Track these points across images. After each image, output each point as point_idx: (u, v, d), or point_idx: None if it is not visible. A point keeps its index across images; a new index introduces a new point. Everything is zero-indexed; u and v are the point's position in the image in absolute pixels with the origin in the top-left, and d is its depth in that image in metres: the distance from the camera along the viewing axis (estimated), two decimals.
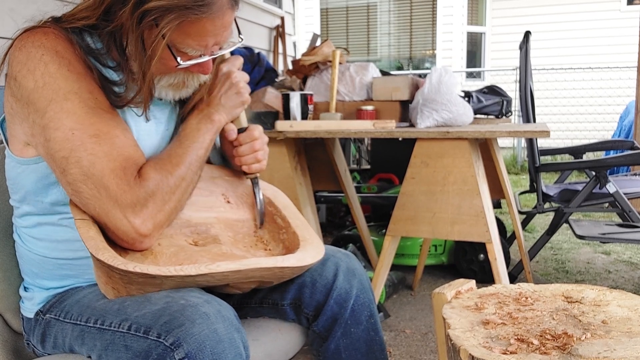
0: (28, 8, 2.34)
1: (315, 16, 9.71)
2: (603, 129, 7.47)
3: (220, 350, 0.86)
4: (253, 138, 1.14)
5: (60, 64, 0.94)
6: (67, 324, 1.00)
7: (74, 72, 0.95)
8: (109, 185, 0.91)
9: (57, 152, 0.92)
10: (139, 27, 0.93)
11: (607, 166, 2.64)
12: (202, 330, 0.86)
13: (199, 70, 1.02)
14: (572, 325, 0.87)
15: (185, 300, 0.91)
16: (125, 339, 0.90)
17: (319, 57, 2.51)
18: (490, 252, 1.93)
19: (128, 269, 0.87)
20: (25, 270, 1.10)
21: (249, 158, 1.15)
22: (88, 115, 0.93)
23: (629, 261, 3.33)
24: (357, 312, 1.15)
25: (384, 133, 1.98)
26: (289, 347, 1.16)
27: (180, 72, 1.01)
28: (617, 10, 8.49)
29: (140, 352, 0.88)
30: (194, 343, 0.84)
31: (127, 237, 0.94)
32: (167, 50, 0.95)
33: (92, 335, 0.95)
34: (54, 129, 0.92)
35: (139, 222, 0.93)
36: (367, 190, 3.52)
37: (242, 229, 1.13)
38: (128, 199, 0.92)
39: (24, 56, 0.94)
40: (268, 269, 0.99)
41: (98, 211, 0.93)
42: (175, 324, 0.86)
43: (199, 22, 0.93)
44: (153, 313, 0.90)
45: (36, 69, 0.93)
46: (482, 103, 3.20)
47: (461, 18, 8.97)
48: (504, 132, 1.91)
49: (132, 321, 0.90)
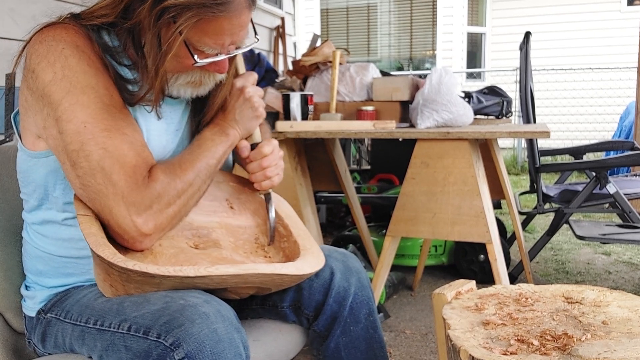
0: (28, 8, 2.34)
1: (315, 17, 9.72)
2: (603, 130, 7.47)
3: (220, 350, 0.86)
4: (262, 155, 1.13)
5: (81, 58, 0.94)
6: (68, 324, 1.00)
7: (93, 67, 0.95)
8: (118, 181, 0.91)
9: (69, 145, 0.92)
10: (157, 24, 0.94)
11: (608, 167, 2.64)
12: (201, 330, 0.86)
13: (215, 69, 1.02)
14: (572, 326, 0.87)
15: (185, 300, 0.91)
16: (125, 339, 0.90)
17: (319, 57, 2.51)
18: (491, 253, 1.93)
19: (127, 266, 0.88)
20: (30, 267, 1.10)
21: (259, 176, 1.14)
22: (102, 110, 0.93)
23: (629, 262, 3.33)
24: (355, 310, 1.15)
25: (384, 133, 1.98)
26: (289, 348, 1.16)
27: (197, 70, 1.02)
28: (617, 11, 8.49)
29: (140, 353, 0.88)
30: (193, 343, 0.84)
31: (128, 235, 0.94)
32: (184, 47, 0.96)
33: (92, 336, 0.95)
34: (67, 121, 0.92)
35: (141, 221, 0.93)
36: (367, 190, 3.52)
37: (243, 235, 1.13)
38: (134, 197, 0.92)
39: (45, 49, 0.94)
40: (266, 276, 0.99)
41: (103, 206, 0.93)
42: (175, 324, 0.86)
43: (217, 20, 0.94)
44: (152, 313, 0.90)
45: (56, 61, 0.93)
46: (482, 103, 3.20)
47: (461, 18, 8.97)
48: (504, 133, 1.91)
49: (132, 322, 0.90)
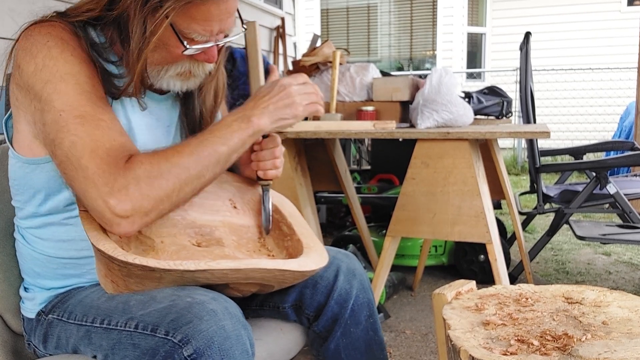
0: (28, 8, 2.34)
1: (315, 17, 9.72)
2: (603, 130, 7.47)
3: (228, 347, 0.86)
4: (276, 144, 1.12)
5: (64, 49, 0.94)
6: (72, 324, 1.00)
7: (77, 57, 0.95)
8: (88, 165, 0.89)
9: (48, 135, 0.92)
10: (143, 10, 0.93)
11: (608, 167, 2.64)
12: (210, 327, 0.86)
13: (204, 58, 1.02)
14: (573, 326, 0.87)
15: (192, 297, 0.91)
16: (132, 337, 0.90)
17: (319, 57, 2.51)
18: (491, 253, 1.93)
19: (128, 260, 0.87)
20: (27, 270, 1.10)
21: (268, 163, 1.12)
22: (79, 97, 0.92)
23: (630, 262, 3.32)
24: (356, 312, 1.15)
25: (385, 134, 1.98)
26: (290, 347, 1.16)
27: (186, 60, 1.01)
28: (617, 11, 8.49)
29: (147, 350, 0.88)
30: (202, 339, 0.85)
31: (104, 218, 0.90)
32: (173, 35, 0.95)
33: (98, 335, 0.95)
34: (47, 112, 0.92)
35: (114, 202, 0.88)
36: (368, 190, 3.52)
37: (246, 234, 1.12)
38: (106, 179, 0.89)
39: (29, 43, 0.94)
40: (268, 271, 0.99)
41: (78, 192, 0.91)
42: (183, 321, 0.86)
43: (204, 5, 0.94)
44: (159, 311, 0.90)
45: (39, 53, 0.93)
46: (483, 104, 3.21)
47: (461, 19, 8.97)
48: (504, 133, 1.91)
49: (139, 320, 0.90)
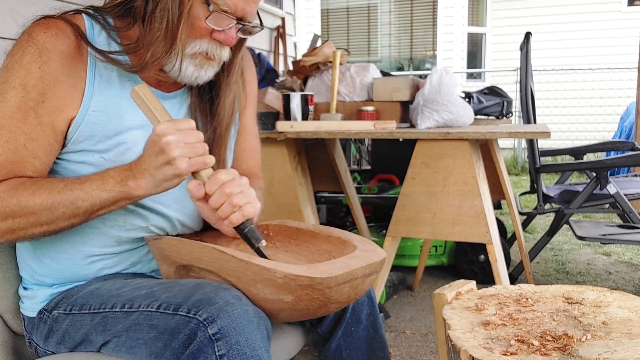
0: (29, 8, 2.34)
1: (315, 17, 9.71)
2: (604, 130, 7.47)
3: (250, 331, 0.87)
4: (220, 182, 0.95)
5: (35, 60, 0.94)
6: (85, 314, 0.99)
7: (45, 71, 0.94)
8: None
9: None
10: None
11: (608, 167, 2.64)
12: (235, 309, 0.87)
13: (223, 38, 1.01)
14: (573, 327, 0.87)
15: (218, 284, 0.93)
16: (152, 317, 0.91)
17: (319, 57, 2.51)
18: (491, 253, 1.93)
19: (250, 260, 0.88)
20: (26, 268, 1.10)
21: (225, 207, 0.95)
22: (15, 111, 0.93)
23: (630, 262, 3.32)
24: (357, 311, 1.15)
25: (385, 134, 1.98)
26: (291, 346, 1.16)
27: (205, 39, 1.01)
28: (617, 12, 8.49)
29: (165, 330, 0.88)
30: (227, 319, 0.85)
31: None
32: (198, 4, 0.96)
33: (116, 320, 0.95)
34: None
35: None
36: (368, 190, 3.52)
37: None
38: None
39: (18, 42, 0.97)
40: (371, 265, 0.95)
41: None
42: (209, 302, 0.87)
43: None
44: (184, 293, 0.91)
45: (16, 53, 0.95)
46: (483, 104, 3.21)
47: (462, 19, 8.96)
48: (504, 133, 1.91)
49: (162, 301, 0.92)
